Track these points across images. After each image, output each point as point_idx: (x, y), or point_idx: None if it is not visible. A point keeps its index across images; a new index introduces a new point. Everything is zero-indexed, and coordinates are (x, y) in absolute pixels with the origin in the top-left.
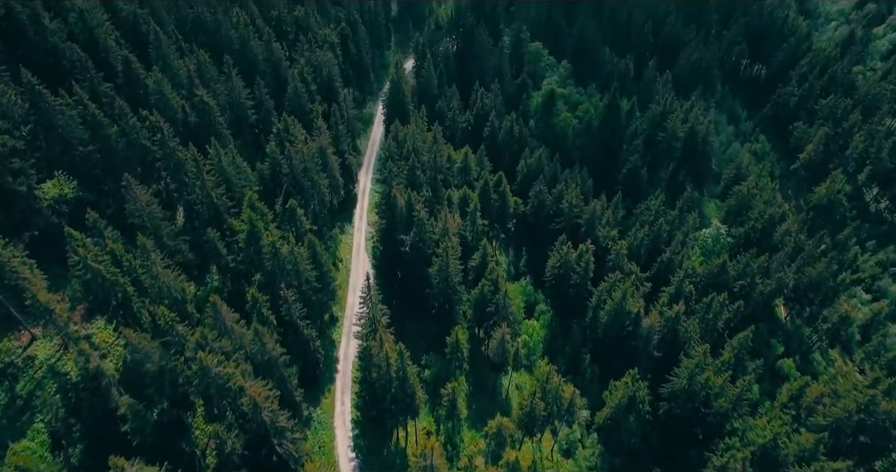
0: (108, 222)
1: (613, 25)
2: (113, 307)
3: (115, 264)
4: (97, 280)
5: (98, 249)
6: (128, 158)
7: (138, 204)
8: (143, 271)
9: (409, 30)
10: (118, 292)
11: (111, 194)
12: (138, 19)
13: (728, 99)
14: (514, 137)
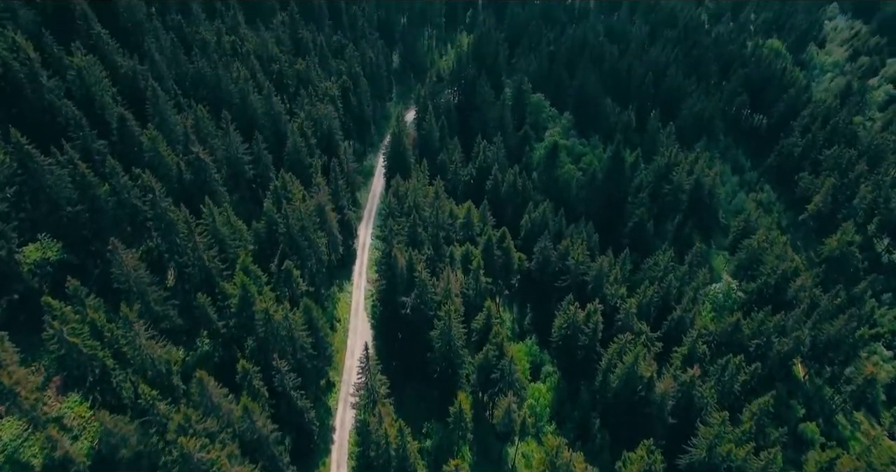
0: (94, 285)
1: (614, 77)
2: (90, 383)
3: (95, 335)
4: (72, 355)
5: (78, 318)
6: (118, 218)
7: (124, 269)
8: (126, 342)
9: (411, 81)
10: (96, 367)
11: (99, 255)
12: (137, 75)
13: (731, 149)
14: (517, 191)
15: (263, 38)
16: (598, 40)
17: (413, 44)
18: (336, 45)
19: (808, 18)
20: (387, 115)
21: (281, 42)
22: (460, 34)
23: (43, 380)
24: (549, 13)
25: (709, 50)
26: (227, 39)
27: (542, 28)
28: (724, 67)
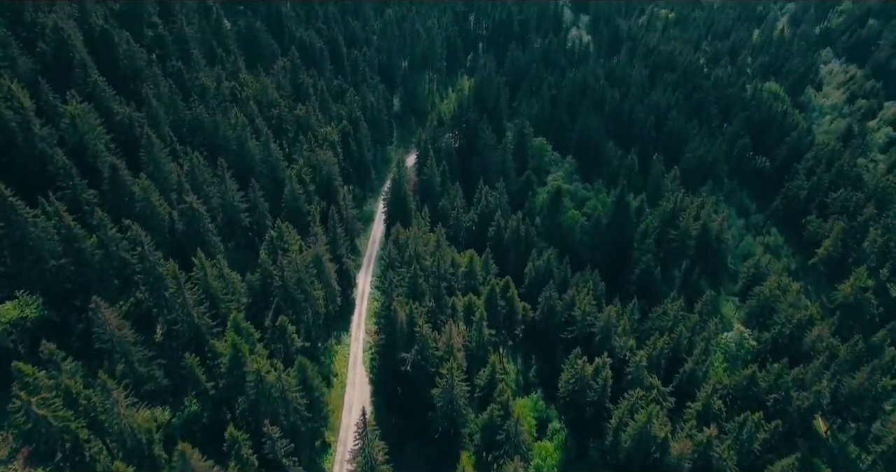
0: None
1: (616, 120)
2: (61, 457)
3: (70, 403)
4: (41, 429)
5: (52, 383)
6: (105, 272)
7: (107, 329)
8: (103, 410)
9: (412, 124)
10: (67, 440)
11: (83, 310)
12: (133, 122)
13: (736, 192)
14: (520, 237)
15: (263, 83)
16: (599, 84)
17: (414, 87)
18: (337, 90)
19: (804, 62)
20: (387, 159)
21: (281, 87)
22: (461, 78)
23: (9, 452)
24: (549, 57)
25: (709, 93)
26: (227, 85)
27: (543, 72)
28: (725, 110)
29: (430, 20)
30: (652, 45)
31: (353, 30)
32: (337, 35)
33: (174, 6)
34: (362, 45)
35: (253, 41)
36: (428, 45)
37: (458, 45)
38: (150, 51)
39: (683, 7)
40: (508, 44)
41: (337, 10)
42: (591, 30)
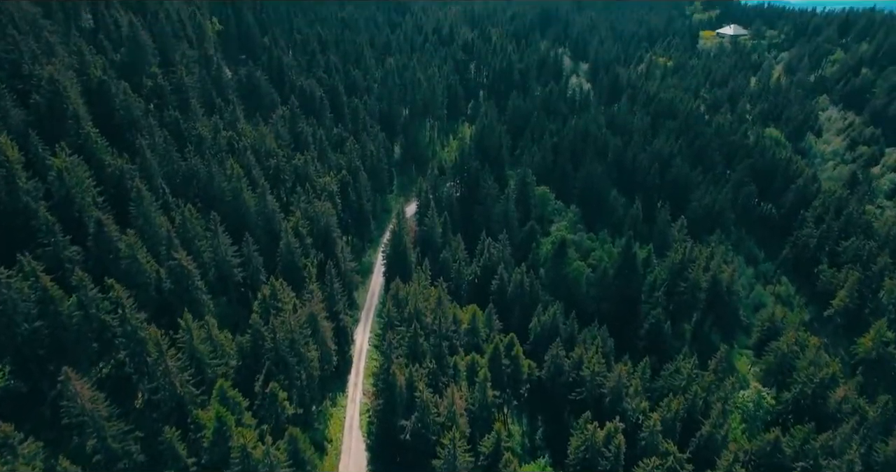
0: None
1: (619, 168)
2: None
3: None
4: None
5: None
6: (82, 335)
7: (78, 402)
8: None
9: (412, 172)
10: None
11: (56, 376)
12: (124, 175)
13: (744, 240)
14: (524, 291)
15: (262, 132)
16: (601, 132)
17: (415, 135)
18: (336, 138)
19: (803, 109)
20: (387, 207)
21: (280, 136)
22: (462, 125)
23: None
24: (550, 105)
25: (711, 140)
26: (224, 135)
27: (545, 119)
28: (728, 157)
29: (430, 69)
30: (652, 92)
31: (353, 78)
32: (337, 84)
33: (175, 56)
34: (363, 94)
35: (253, 90)
36: (429, 93)
37: (459, 93)
38: (149, 101)
39: (681, 55)
40: (509, 92)
41: (338, 59)
42: (590, 78)
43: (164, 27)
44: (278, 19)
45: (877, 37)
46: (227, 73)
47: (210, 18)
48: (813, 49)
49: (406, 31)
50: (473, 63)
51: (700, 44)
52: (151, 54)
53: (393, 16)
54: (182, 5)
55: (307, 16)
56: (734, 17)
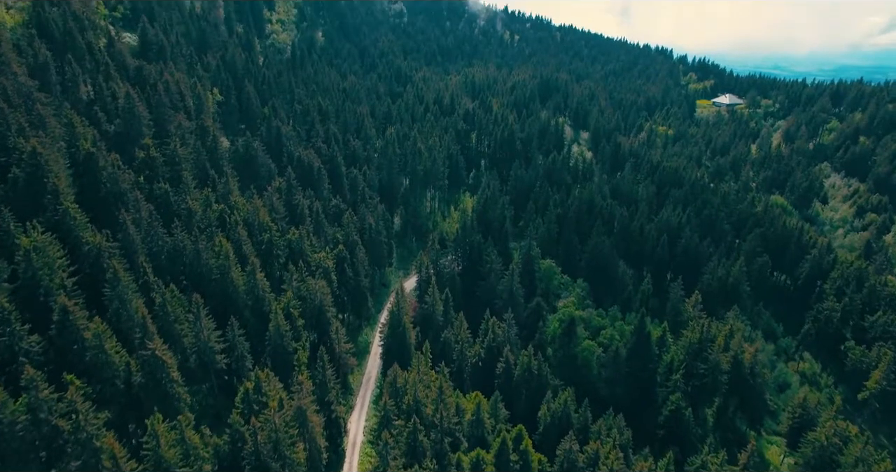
0: None
1: (626, 239)
2: None
3: None
4: None
5: None
6: (29, 443)
7: None
8: None
9: (412, 244)
10: None
11: None
12: (102, 253)
13: (762, 314)
14: (532, 375)
15: (256, 205)
16: (606, 202)
17: (415, 206)
18: (334, 210)
19: (807, 176)
20: (386, 282)
21: (274, 210)
22: (463, 195)
23: None
24: (553, 174)
25: (719, 210)
26: (216, 208)
27: (548, 190)
28: (737, 226)
29: (431, 138)
30: (655, 161)
31: (353, 148)
32: (336, 154)
33: (170, 127)
34: (363, 164)
35: (250, 161)
36: (430, 163)
37: (460, 163)
38: (140, 173)
39: (681, 124)
40: (511, 161)
41: (338, 129)
42: (591, 146)
43: (162, 98)
44: (280, 90)
45: (868, 107)
46: (225, 143)
47: (211, 89)
48: (809, 118)
49: (407, 100)
50: (475, 133)
51: (697, 113)
52: (146, 125)
53: (394, 86)
54: (184, 77)
55: (308, 87)
56: (728, 87)
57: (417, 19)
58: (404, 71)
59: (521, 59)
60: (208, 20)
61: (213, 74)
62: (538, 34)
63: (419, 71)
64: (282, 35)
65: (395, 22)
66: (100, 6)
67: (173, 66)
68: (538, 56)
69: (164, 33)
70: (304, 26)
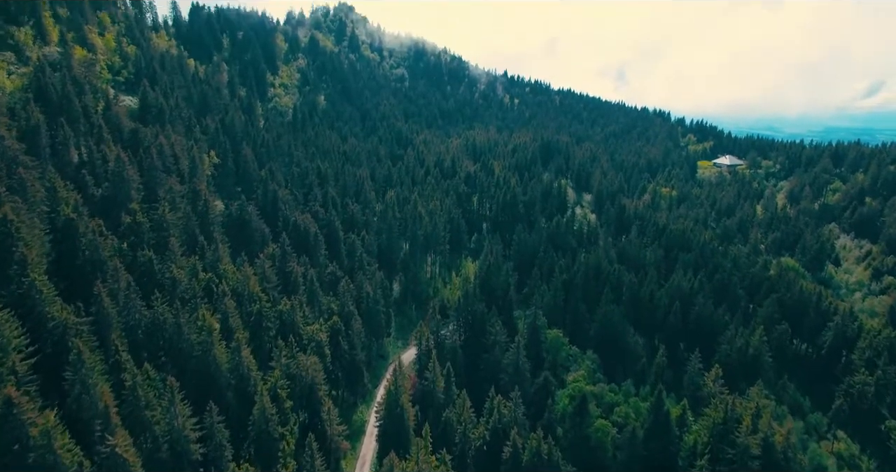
0: None
1: (635, 307)
2: None
3: None
4: None
5: None
6: None
7: None
8: None
9: (412, 312)
10: None
11: None
12: (68, 330)
13: (788, 389)
14: (542, 460)
15: (246, 274)
16: (614, 267)
17: (416, 271)
18: (330, 278)
19: (816, 238)
20: (384, 353)
21: (266, 279)
22: (465, 260)
23: None
24: (557, 238)
25: (731, 274)
26: (203, 277)
27: (553, 254)
28: (751, 291)
29: (432, 202)
30: (661, 223)
31: (352, 212)
32: (334, 219)
33: (160, 191)
34: (361, 229)
35: (243, 226)
36: (430, 227)
37: (462, 227)
38: (124, 239)
39: (684, 185)
40: (513, 224)
41: (337, 192)
42: (595, 209)
43: (155, 162)
44: (279, 152)
45: (870, 168)
46: (219, 207)
47: (208, 152)
48: (812, 179)
49: (408, 163)
50: (476, 195)
51: (699, 173)
52: (135, 189)
53: (395, 149)
54: (181, 139)
55: (308, 149)
56: (727, 148)
57: (419, 83)
58: (405, 134)
59: (521, 121)
60: (210, 84)
61: (212, 137)
62: (537, 98)
63: (420, 134)
64: (284, 98)
65: (397, 86)
66: (103, 71)
67: (171, 128)
68: (538, 119)
69: (164, 96)
70: (306, 90)
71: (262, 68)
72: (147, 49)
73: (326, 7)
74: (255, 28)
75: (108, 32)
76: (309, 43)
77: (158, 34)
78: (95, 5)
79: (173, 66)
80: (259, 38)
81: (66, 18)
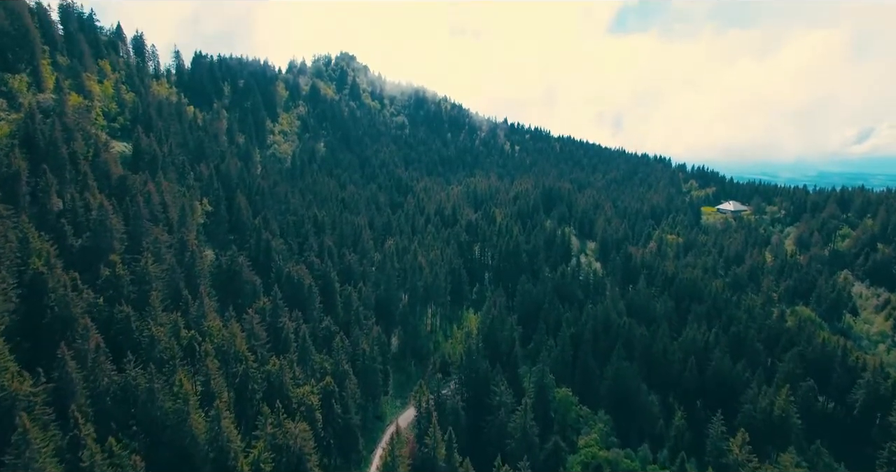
0: None
1: (648, 362)
2: None
3: None
4: None
5: None
6: None
7: None
8: None
9: (411, 368)
10: None
11: None
12: (16, 404)
13: (822, 455)
14: None
15: (233, 331)
16: (623, 320)
17: (415, 324)
18: (324, 333)
19: (832, 286)
20: (380, 414)
21: (254, 336)
22: (466, 311)
23: None
24: (563, 289)
25: (748, 326)
26: (185, 335)
27: (559, 306)
28: (768, 344)
29: (433, 252)
30: (670, 272)
31: (349, 263)
32: (330, 270)
33: (144, 240)
34: (358, 280)
35: (233, 278)
36: (431, 278)
37: (464, 277)
38: (102, 293)
39: (689, 232)
40: (516, 274)
41: (334, 241)
42: (599, 257)
43: (141, 210)
44: (274, 200)
45: (879, 214)
46: (210, 256)
47: (201, 199)
48: (820, 224)
49: (408, 211)
50: (478, 244)
51: (703, 219)
52: (118, 240)
53: (395, 196)
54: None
55: (305, 197)
56: (730, 194)
57: (419, 131)
58: (405, 181)
59: (522, 168)
60: (207, 131)
61: (206, 184)
62: (538, 145)
63: (420, 181)
64: (283, 145)
65: (397, 133)
66: (99, 117)
67: (163, 175)
68: (539, 166)
69: (157, 143)
70: (306, 137)
71: (261, 115)
72: (145, 96)
73: (328, 56)
74: (257, 76)
75: (108, 80)
76: (310, 91)
77: (159, 82)
78: (97, 53)
79: (171, 113)
80: (260, 86)
81: (65, 66)
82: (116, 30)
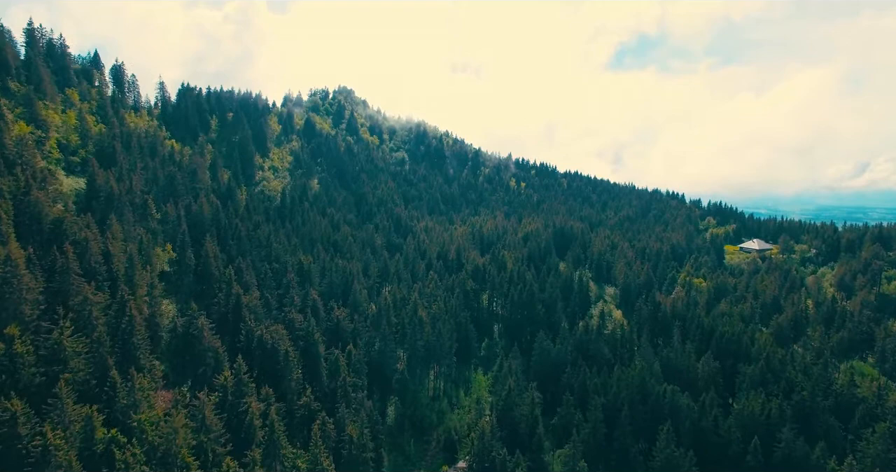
0: None
1: (698, 441)
2: None
3: None
4: None
5: None
6: None
7: None
8: None
9: (410, 447)
10: None
11: None
12: None
13: None
14: None
15: (174, 424)
16: (663, 388)
17: (415, 391)
18: (301, 415)
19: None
20: None
21: (206, 428)
22: (475, 372)
23: None
24: (586, 345)
25: (814, 395)
26: (102, 436)
27: (585, 369)
28: (840, 415)
29: (435, 304)
30: (706, 324)
31: (336, 320)
32: (313, 330)
33: (71, 301)
34: (348, 340)
35: (190, 344)
36: (433, 335)
37: (471, 332)
38: None
39: (717, 275)
40: (530, 326)
41: (320, 292)
42: (620, 304)
43: (70, 264)
44: (253, 245)
45: None
46: (169, 315)
47: (163, 245)
48: (863, 265)
49: (407, 254)
50: (486, 293)
51: (726, 259)
52: (30, 303)
53: (393, 237)
54: (130, 229)
55: (290, 241)
56: (752, 231)
57: (420, 167)
58: (404, 220)
59: (529, 206)
60: (181, 166)
61: (172, 227)
62: (544, 181)
63: (421, 220)
64: (273, 182)
65: (396, 170)
66: (53, 150)
67: (115, 218)
68: (547, 203)
69: (116, 179)
70: (298, 173)
71: (249, 150)
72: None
73: (325, 90)
74: (247, 109)
75: (72, 110)
76: (304, 125)
77: (139, 114)
78: (64, 82)
79: (143, 147)
80: (250, 120)
81: (19, 94)
82: (93, 58)
